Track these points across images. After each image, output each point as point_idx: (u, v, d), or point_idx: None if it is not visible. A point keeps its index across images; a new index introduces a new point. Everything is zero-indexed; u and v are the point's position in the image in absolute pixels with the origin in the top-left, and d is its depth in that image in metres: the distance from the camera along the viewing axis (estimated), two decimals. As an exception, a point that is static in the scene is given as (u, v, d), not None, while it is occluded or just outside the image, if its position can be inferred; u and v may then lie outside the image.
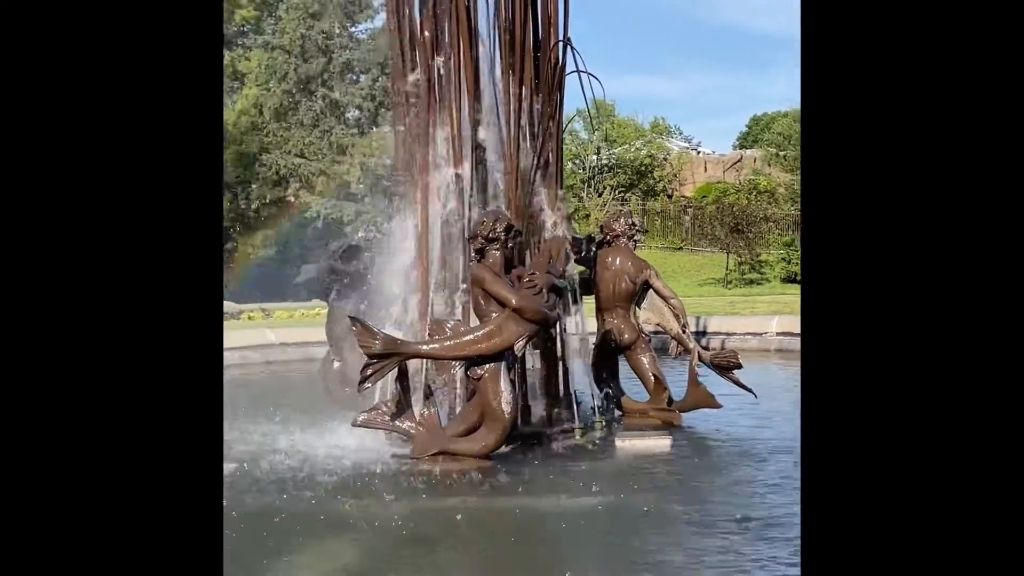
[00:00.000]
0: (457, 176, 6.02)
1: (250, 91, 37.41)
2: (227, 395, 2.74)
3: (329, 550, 3.83)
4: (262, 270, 29.40)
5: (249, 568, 3.47)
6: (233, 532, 3.97)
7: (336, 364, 6.65)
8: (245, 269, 30.25)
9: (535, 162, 6.20)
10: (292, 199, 32.66)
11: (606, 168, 37.89)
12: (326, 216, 31.49)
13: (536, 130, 6.25)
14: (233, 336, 12.06)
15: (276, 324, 15.67)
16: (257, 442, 5.79)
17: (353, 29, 34.85)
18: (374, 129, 33.21)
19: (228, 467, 5.10)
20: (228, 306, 22.95)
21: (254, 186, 30.26)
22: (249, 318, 18.59)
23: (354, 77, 33.92)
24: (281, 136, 33.62)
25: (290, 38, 32.65)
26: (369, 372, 5.18)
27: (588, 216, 31.48)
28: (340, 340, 6.58)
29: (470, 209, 5.98)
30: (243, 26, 41.61)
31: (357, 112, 34.70)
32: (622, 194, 35.12)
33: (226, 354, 10.66)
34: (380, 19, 34.57)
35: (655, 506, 4.32)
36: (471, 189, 6.05)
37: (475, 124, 6.10)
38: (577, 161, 36.88)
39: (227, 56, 41.07)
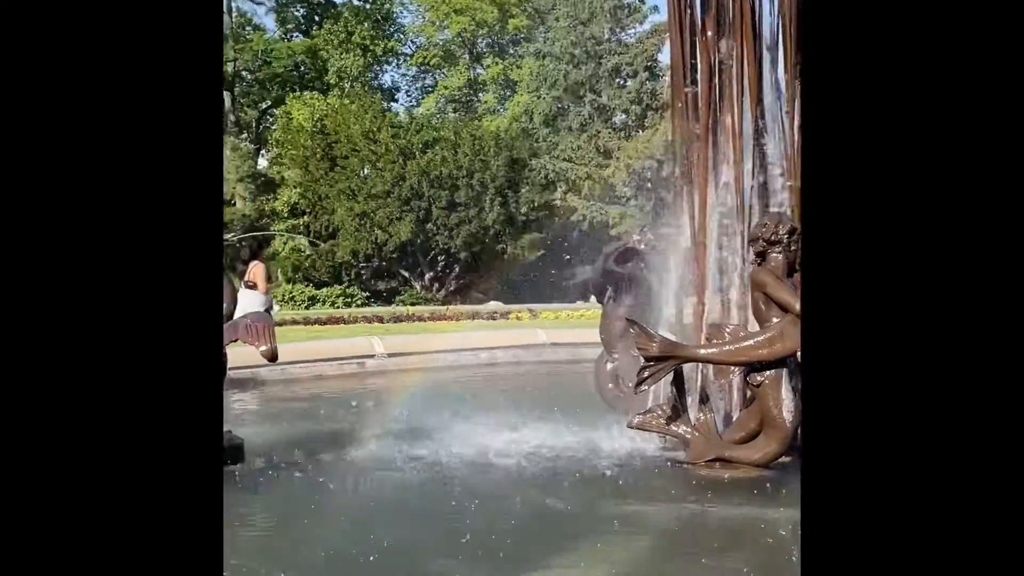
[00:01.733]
0: (736, 177, 5.89)
1: (521, 98, 38.67)
2: (502, 394, 2.77)
3: (604, 552, 3.85)
4: (529, 272, 30.28)
5: (523, 565, 3.54)
6: (510, 524, 4.13)
7: (609, 365, 6.71)
8: (513, 271, 31.31)
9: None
10: (559, 202, 33.40)
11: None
12: (592, 219, 31.92)
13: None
14: (506, 336, 12.52)
15: (542, 325, 16.08)
16: (531, 440, 5.95)
17: (622, 34, 35.11)
18: (640, 132, 33.29)
19: (507, 463, 5.31)
20: (496, 306, 23.90)
21: (523, 190, 31.21)
22: (517, 318, 19.23)
23: (622, 81, 34.16)
24: (550, 141, 34.48)
25: (561, 45, 33.38)
26: (646, 375, 5.19)
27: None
28: (614, 341, 6.63)
29: (749, 212, 5.83)
30: (516, 35, 43.09)
31: (624, 116, 34.93)
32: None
33: (499, 353, 11.09)
34: (649, 23, 34.68)
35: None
36: (751, 191, 5.90)
37: (756, 124, 5.95)
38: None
39: (499, 65, 42.75)
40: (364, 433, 6.40)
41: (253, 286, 10.86)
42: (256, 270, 11.01)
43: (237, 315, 11.89)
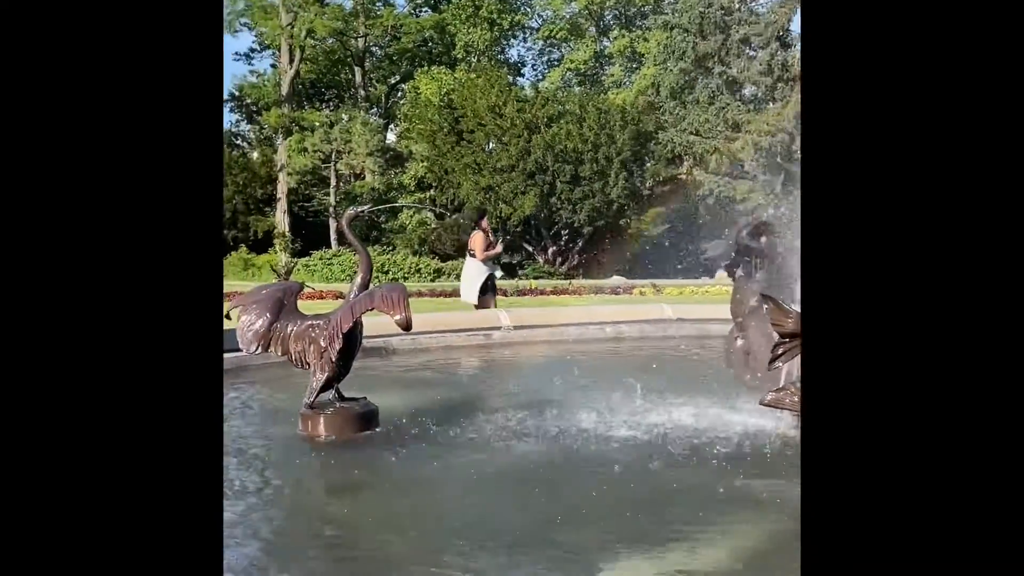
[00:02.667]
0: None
1: (648, 71, 38.18)
2: (629, 368, 2.76)
3: (734, 528, 3.80)
4: (653, 247, 30.00)
5: (656, 538, 3.53)
6: (639, 498, 4.12)
7: (740, 342, 6.58)
8: (637, 246, 31.08)
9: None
10: (684, 177, 32.90)
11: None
12: (718, 194, 31.33)
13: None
14: (631, 310, 12.44)
15: (666, 300, 15.92)
16: (659, 414, 5.91)
17: (752, 3, 34.16)
18: (770, 105, 32.39)
19: (635, 436, 5.30)
20: (620, 281, 23.80)
21: (648, 164, 30.87)
22: (641, 293, 19.10)
23: (751, 52, 33.26)
24: (677, 114, 33.95)
25: (689, 16, 32.74)
26: (780, 351, 5.07)
27: None
28: (746, 317, 6.50)
29: (893, 184, 5.60)
30: (643, 7, 42.50)
31: (753, 88, 34.06)
32: None
33: (625, 327, 11.02)
34: (781, -9, 33.58)
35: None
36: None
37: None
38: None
39: (626, 37, 42.24)
40: (492, 403, 6.49)
41: (473, 253, 11.74)
42: (475, 238, 11.77)
43: (464, 280, 12.57)
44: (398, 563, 3.34)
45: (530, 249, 31.73)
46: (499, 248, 12.29)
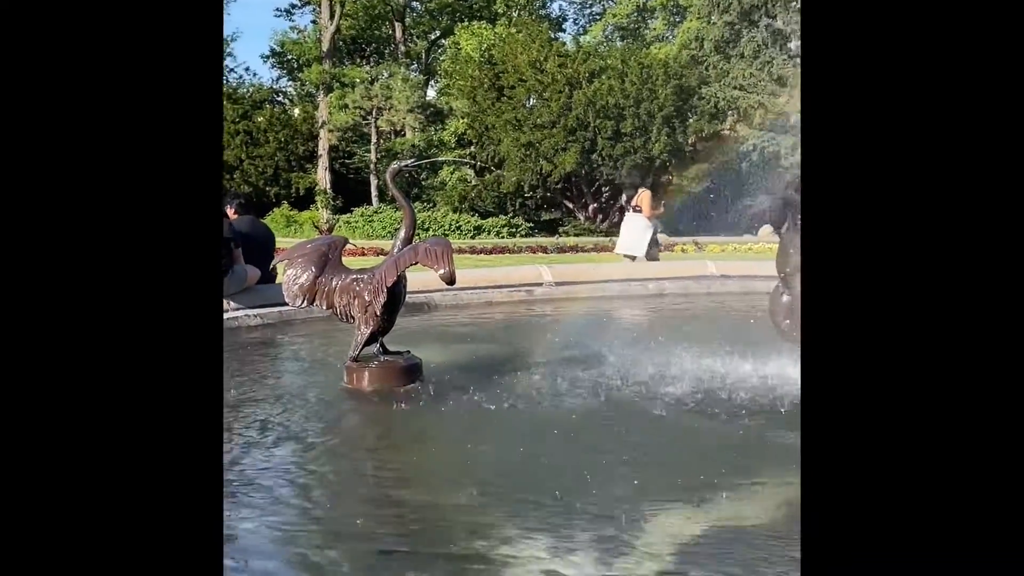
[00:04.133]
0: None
1: (691, 24, 37.57)
2: (673, 324, 2.74)
3: (779, 482, 3.80)
4: (696, 204, 29.72)
5: (699, 490, 3.55)
6: (682, 451, 4.12)
7: (785, 298, 6.51)
8: (679, 202, 30.82)
9: None
10: (728, 132, 32.47)
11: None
12: (763, 149, 30.92)
13: None
14: (674, 267, 12.38)
15: (708, 257, 15.81)
16: (703, 369, 5.90)
17: (800, -47, 33.38)
18: (817, 58, 31.77)
19: (678, 391, 5.29)
20: (661, 238, 23.67)
21: (691, 120, 30.47)
22: (683, 250, 18.99)
23: (798, 4, 32.59)
24: (721, 68, 33.43)
25: (734, -33, 32.11)
26: (827, 307, 5.02)
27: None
28: (792, 273, 6.43)
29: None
30: (687, -42, 41.71)
31: (800, 42, 33.41)
32: None
33: (667, 284, 11.00)
34: (830, -60, 32.72)
35: None
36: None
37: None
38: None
39: (669, -10, 41.48)
40: (534, 358, 6.51)
41: (639, 210, 12.38)
42: (643, 196, 12.48)
43: (628, 234, 13.29)
44: (452, 514, 3.38)
45: (570, 206, 31.58)
46: (662, 209, 13.37)
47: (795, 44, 33.24)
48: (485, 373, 5.80)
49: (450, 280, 4.84)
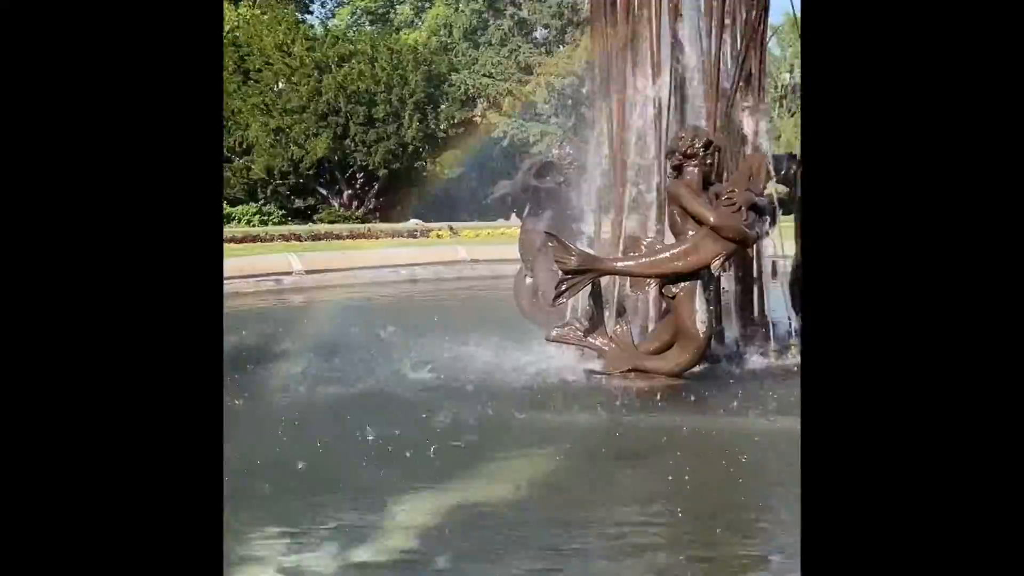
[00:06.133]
0: (655, 90, 5.91)
1: (439, 10, 37.87)
2: (422, 310, 2.75)
3: (526, 463, 3.92)
4: (450, 189, 30.10)
5: (432, 479, 3.60)
6: (426, 440, 4.15)
7: (528, 280, 6.76)
8: (433, 189, 31.10)
9: (737, 73, 5.99)
10: (479, 119, 33.10)
11: (800, 87, 36.10)
12: (512, 136, 31.77)
13: (738, 40, 6.02)
14: (426, 253, 12.50)
15: (463, 242, 16.10)
16: (450, 354, 5.99)
17: (542, -55, 34.49)
18: (561, 48, 33.03)
19: (424, 377, 5.35)
20: (416, 224, 23.78)
21: (443, 106, 30.79)
22: (438, 236, 19.21)
23: (542, -6, 33.67)
24: (470, 56, 33.97)
25: (479, -44, 32.65)
26: (563, 288, 5.24)
27: (779, 137, 30.22)
28: (533, 256, 6.68)
29: (667, 125, 5.86)
30: (433, -55, 41.92)
31: (544, 31, 34.54)
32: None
33: (419, 270, 11.08)
34: (570, -67, 34.09)
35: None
36: (669, 104, 5.92)
37: (674, 35, 5.95)
38: (769, 80, 35.26)
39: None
40: (285, 347, 6.37)
41: None
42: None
43: None
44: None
45: (324, 193, 31.08)
46: None
47: (540, 32, 34.39)
48: (230, 365, 5.60)
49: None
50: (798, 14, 6.42)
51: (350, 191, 30.76)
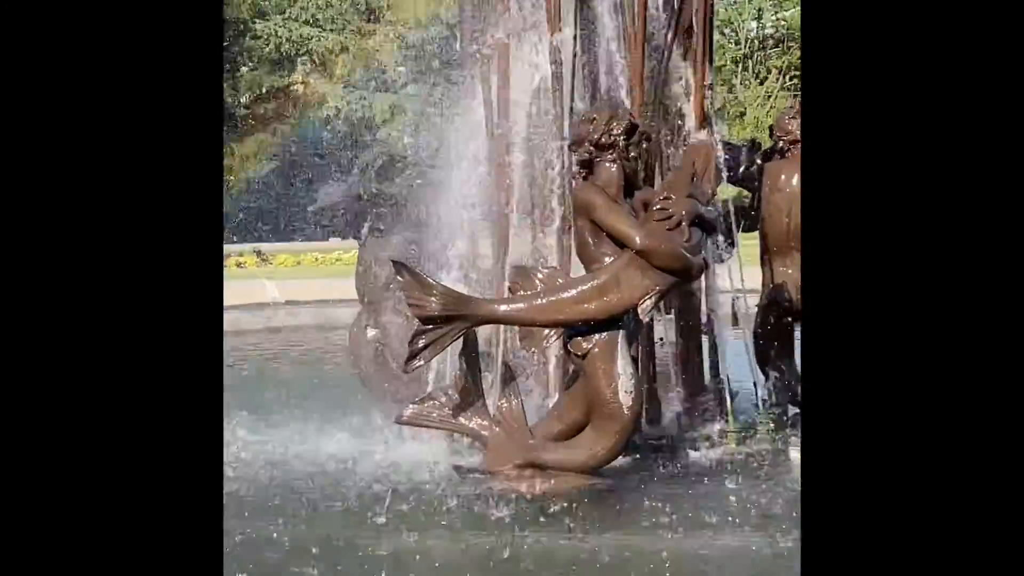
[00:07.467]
0: (554, 49, 5.95)
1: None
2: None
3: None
4: (256, 194, 29.79)
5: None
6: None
7: (371, 332, 6.71)
8: (232, 192, 30.72)
9: (671, 28, 6.10)
10: (299, 88, 32.97)
11: (771, 42, 37.22)
12: (349, 114, 31.73)
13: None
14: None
15: (276, 273, 15.91)
16: (261, 451, 5.89)
17: None
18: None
19: (228, 483, 5.21)
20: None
21: (244, 70, 30.53)
22: (238, 265, 18.91)
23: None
24: (284, -6, 33.82)
25: None
26: (421, 343, 5.20)
27: (743, 114, 31.10)
28: (377, 296, 6.64)
29: (572, 100, 5.92)
30: None
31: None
32: (795, 81, 34.29)
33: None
34: None
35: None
36: (573, 67, 5.98)
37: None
38: (728, 32, 36.19)
39: None
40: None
41: None
42: None
43: None
44: None
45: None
46: None
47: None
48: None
49: None
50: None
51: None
